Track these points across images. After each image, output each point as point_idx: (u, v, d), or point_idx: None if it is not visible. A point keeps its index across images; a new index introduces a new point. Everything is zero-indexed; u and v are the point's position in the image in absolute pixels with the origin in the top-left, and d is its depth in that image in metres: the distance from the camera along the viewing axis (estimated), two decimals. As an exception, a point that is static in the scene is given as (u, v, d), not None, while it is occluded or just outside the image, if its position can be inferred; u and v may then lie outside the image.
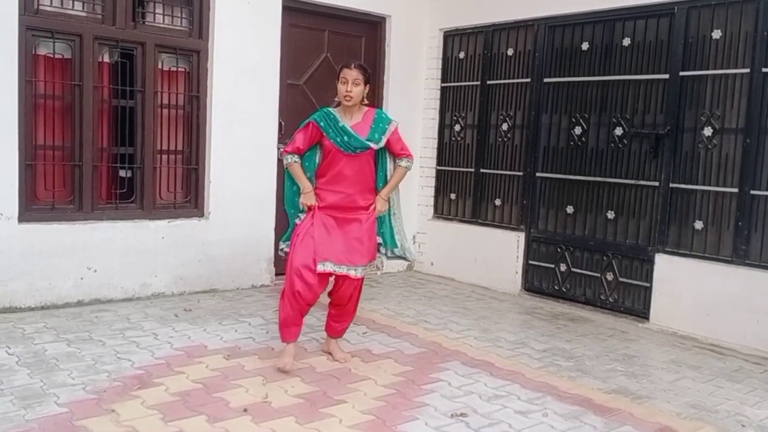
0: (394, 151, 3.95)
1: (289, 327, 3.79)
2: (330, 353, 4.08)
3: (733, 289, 4.70)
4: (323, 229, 3.79)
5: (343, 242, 3.79)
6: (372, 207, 3.89)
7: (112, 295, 5.07)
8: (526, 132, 6.05)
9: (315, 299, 3.79)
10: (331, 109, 3.89)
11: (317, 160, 3.92)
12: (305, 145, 3.86)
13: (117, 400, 3.25)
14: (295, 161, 3.86)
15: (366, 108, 3.93)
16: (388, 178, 3.98)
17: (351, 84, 3.77)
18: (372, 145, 3.81)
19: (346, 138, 3.77)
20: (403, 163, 3.95)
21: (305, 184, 3.87)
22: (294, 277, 3.71)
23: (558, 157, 5.83)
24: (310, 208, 3.86)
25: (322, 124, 3.81)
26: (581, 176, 5.65)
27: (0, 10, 4.48)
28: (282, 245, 4.13)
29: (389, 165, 3.99)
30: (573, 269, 5.71)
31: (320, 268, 3.70)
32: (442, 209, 6.82)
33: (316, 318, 4.86)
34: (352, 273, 3.77)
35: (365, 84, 3.82)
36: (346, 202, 3.84)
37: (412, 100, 6.80)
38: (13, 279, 4.65)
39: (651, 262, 5.17)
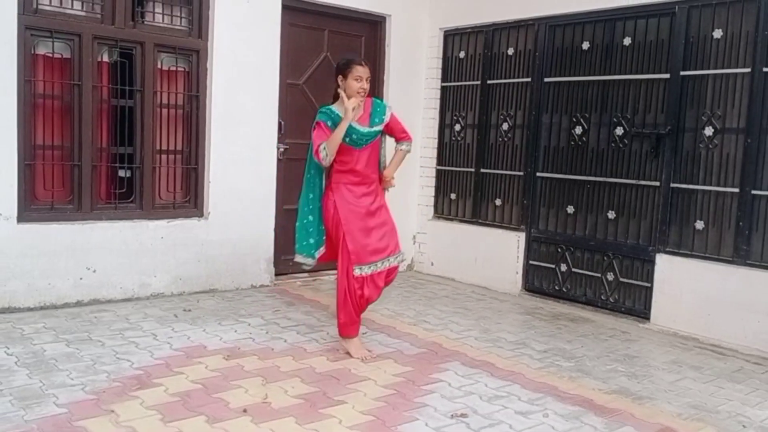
0: (396, 134, 4.20)
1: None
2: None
3: (734, 289, 4.70)
4: (362, 224, 4.01)
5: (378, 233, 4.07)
6: (381, 192, 4.19)
7: (112, 295, 5.07)
8: (527, 132, 6.05)
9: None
10: (332, 107, 3.97)
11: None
12: None
13: (116, 400, 3.25)
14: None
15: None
16: (386, 160, 4.24)
17: (365, 81, 3.97)
18: (375, 128, 4.04)
19: (354, 136, 3.95)
20: (403, 146, 4.23)
21: (343, 123, 3.87)
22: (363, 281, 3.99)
23: (558, 156, 5.83)
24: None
25: (330, 123, 3.93)
26: (582, 176, 5.65)
27: (-1, 9, 4.49)
28: (306, 256, 4.14)
29: (383, 150, 4.25)
30: (573, 269, 5.71)
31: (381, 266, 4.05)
32: (443, 209, 6.82)
33: (315, 318, 4.87)
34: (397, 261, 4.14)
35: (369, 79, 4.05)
36: (363, 182, 4.07)
37: (413, 99, 6.80)
38: (12, 279, 4.66)
39: (652, 262, 5.17)
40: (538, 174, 5.98)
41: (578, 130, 5.67)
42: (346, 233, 3.95)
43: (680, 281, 4.99)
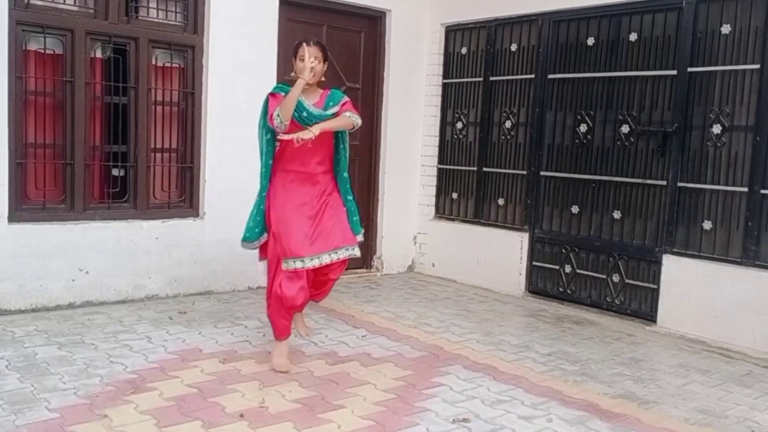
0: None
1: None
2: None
3: (742, 290, 4.70)
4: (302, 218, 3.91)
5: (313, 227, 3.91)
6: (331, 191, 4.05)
7: (105, 297, 5.07)
8: (530, 129, 6.05)
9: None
10: (288, 85, 3.99)
11: (276, 143, 4.05)
12: None
13: (109, 405, 3.24)
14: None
15: (321, 90, 4.05)
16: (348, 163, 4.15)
17: (312, 59, 3.86)
18: (329, 111, 3.92)
19: (305, 114, 3.87)
20: (348, 114, 3.93)
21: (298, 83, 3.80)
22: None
23: (563, 155, 5.82)
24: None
25: (284, 94, 3.88)
26: (587, 175, 5.64)
27: (-11, 4, 4.49)
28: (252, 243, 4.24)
29: (347, 152, 4.15)
30: (578, 271, 5.71)
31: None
32: (444, 209, 6.82)
33: (313, 321, 4.87)
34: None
35: (324, 61, 3.96)
36: (307, 174, 3.97)
37: (413, 96, 6.80)
38: (3, 280, 4.65)
39: (658, 263, 5.16)
40: (541, 173, 5.97)
41: (583, 127, 5.66)
42: (275, 233, 3.94)
43: (687, 283, 4.98)
